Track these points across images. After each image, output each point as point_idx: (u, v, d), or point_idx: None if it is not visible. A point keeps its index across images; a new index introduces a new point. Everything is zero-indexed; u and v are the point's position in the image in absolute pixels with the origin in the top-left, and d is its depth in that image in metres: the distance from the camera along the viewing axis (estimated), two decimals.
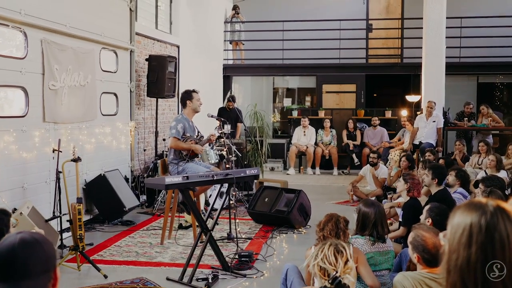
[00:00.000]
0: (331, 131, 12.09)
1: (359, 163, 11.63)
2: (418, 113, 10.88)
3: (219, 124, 6.89)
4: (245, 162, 9.16)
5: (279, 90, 15.54)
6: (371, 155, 8.74)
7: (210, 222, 5.37)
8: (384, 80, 14.39)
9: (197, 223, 5.56)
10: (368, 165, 8.81)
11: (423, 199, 5.43)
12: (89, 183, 6.87)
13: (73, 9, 6.49)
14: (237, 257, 5.29)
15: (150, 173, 8.27)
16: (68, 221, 5.13)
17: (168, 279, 4.79)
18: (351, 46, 13.58)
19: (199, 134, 6.41)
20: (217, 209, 5.82)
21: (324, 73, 13.46)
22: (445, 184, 5.55)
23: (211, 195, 7.60)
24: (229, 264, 5.08)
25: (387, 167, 8.75)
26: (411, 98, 12.06)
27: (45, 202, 5.91)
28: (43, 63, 5.86)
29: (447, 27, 10.68)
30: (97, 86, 7.07)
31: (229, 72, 13.73)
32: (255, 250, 5.70)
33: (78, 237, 4.93)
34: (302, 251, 4.72)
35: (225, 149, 6.87)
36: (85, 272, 4.97)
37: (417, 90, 11.94)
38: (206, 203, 7.60)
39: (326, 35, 13.46)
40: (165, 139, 8.90)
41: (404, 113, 11.97)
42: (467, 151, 9.70)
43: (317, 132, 12.11)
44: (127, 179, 7.74)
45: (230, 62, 14.16)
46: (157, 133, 8.80)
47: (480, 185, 5.30)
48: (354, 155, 11.83)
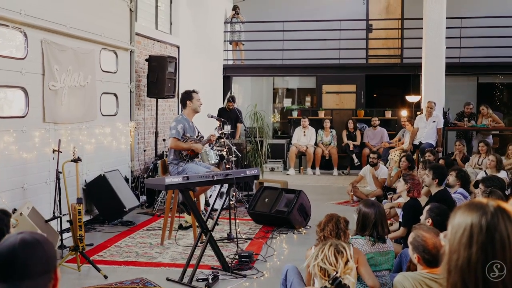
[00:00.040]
0: (331, 132, 12.09)
1: (359, 163, 11.62)
2: (418, 113, 10.88)
3: (219, 125, 6.89)
4: (245, 163, 9.16)
5: (279, 90, 15.55)
6: (371, 155, 8.74)
7: (210, 223, 5.38)
8: (384, 80, 14.39)
9: (197, 224, 5.56)
10: (368, 165, 8.80)
11: (423, 199, 5.42)
12: (89, 183, 6.87)
13: (73, 9, 6.49)
14: (237, 257, 5.29)
15: (150, 173, 8.27)
16: (68, 221, 5.13)
17: (168, 279, 4.79)
18: (351, 46, 13.59)
19: (199, 134, 6.40)
20: (217, 209, 5.81)
21: (324, 74, 13.46)
22: (445, 185, 5.55)
23: (211, 195, 7.60)
24: (229, 265, 5.08)
25: (387, 168, 8.75)
26: (411, 99, 12.06)
27: (45, 203, 5.91)
28: (43, 64, 5.86)
29: (447, 28, 10.68)
30: (97, 86, 7.07)
31: (229, 73, 13.72)
32: (255, 250, 5.69)
33: (78, 237, 4.93)
34: (302, 252, 4.71)
35: (225, 150, 6.87)
36: (85, 272, 4.97)
37: (417, 91, 11.94)
38: (206, 204, 7.59)
39: (326, 36, 13.45)
40: (165, 140, 8.90)
41: (404, 113, 11.97)
42: (467, 152, 9.70)
43: (317, 133, 12.11)
44: (127, 180, 7.74)
45: (230, 62, 14.16)
46: (157, 134, 8.80)
47: (480, 185, 5.29)
48: (354, 156, 11.83)
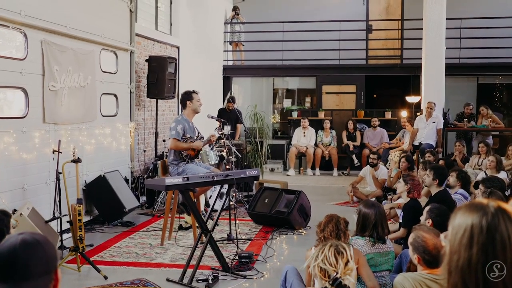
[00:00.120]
0: (331, 132, 12.09)
1: (359, 164, 11.62)
2: (418, 114, 10.89)
3: (219, 125, 6.89)
4: (245, 163, 9.16)
5: (279, 91, 15.55)
6: (371, 156, 8.74)
7: (210, 223, 5.37)
8: (384, 81, 14.40)
9: (197, 224, 5.56)
10: (368, 166, 8.80)
11: (423, 200, 5.42)
12: (89, 184, 6.87)
13: (73, 10, 6.50)
14: (237, 258, 5.29)
15: (150, 174, 8.27)
16: (68, 222, 5.13)
17: (168, 280, 4.79)
18: (351, 47, 13.59)
19: (199, 135, 6.40)
20: (217, 210, 5.81)
21: (324, 74, 13.46)
22: (446, 185, 5.55)
23: (211, 196, 7.60)
24: (229, 265, 5.08)
25: (387, 168, 8.75)
26: (411, 99, 12.07)
27: (45, 203, 5.90)
28: (43, 64, 5.86)
29: (447, 28, 10.68)
30: (97, 87, 7.07)
31: (229, 73, 13.72)
32: (255, 251, 5.69)
33: (78, 238, 4.93)
34: (302, 252, 4.71)
35: (225, 150, 6.86)
36: (85, 273, 4.97)
37: (417, 91, 11.95)
38: (206, 204, 7.59)
39: (326, 36, 13.45)
40: (165, 140, 8.90)
41: (404, 114, 11.98)
42: (467, 152, 9.70)
43: (317, 133, 12.11)
44: (127, 180, 7.74)
45: (230, 63, 14.17)
46: (157, 134, 8.80)
47: (480, 186, 5.29)
48: (354, 156, 11.82)
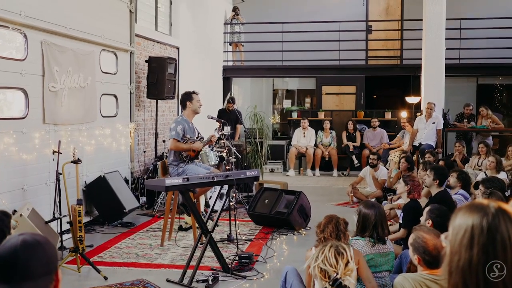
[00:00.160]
0: (330, 133, 12.09)
1: (359, 164, 11.62)
2: (418, 114, 10.89)
3: (219, 126, 6.89)
4: (245, 164, 9.15)
5: (278, 91, 15.56)
6: (370, 156, 8.74)
7: (210, 224, 5.37)
8: (383, 81, 14.40)
9: (197, 225, 5.56)
10: (368, 166, 8.80)
11: (423, 200, 5.42)
12: (89, 184, 6.87)
13: (73, 11, 6.50)
14: (237, 258, 5.29)
15: (150, 174, 8.27)
16: (68, 222, 5.14)
17: (168, 280, 4.79)
18: (350, 47, 13.60)
19: (199, 135, 6.40)
20: (217, 210, 5.81)
21: (323, 75, 13.46)
22: (446, 186, 5.55)
23: (211, 196, 7.60)
24: (229, 266, 5.08)
25: (387, 169, 8.74)
26: (411, 100, 12.08)
27: (45, 204, 5.91)
28: (43, 65, 5.87)
29: (446, 29, 10.68)
30: (97, 87, 7.07)
31: (229, 74, 13.73)
32: (255, 251, 5.69)
33: (78, 238, 4.93)
34: (302, 253, 4.71)
35: (225, 151, 6.86)
36: (85, 273, 4.96)
37: (416, 92, 11.95)
38: (206, 205, 7.59)
39: (325, 37, 13.46)
40: (165, 141, 8.90)
41: (403, 114, 11.98)
42: (467, 153, 9.71)
43: (316, 134, 12.11)
44: (127, 181, 7.74)
45: (230, 63, 14.17)
46: (157, 135, 8.80)
47: (480, 186, 5.29)
48: (354, 157, 11.82)
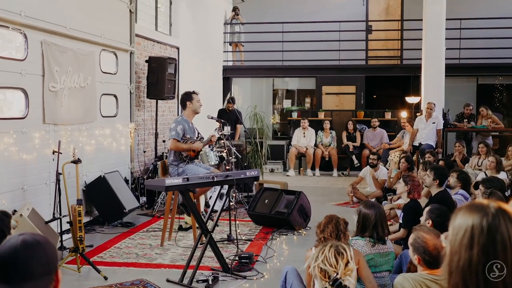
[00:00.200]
0: (330, 133, 12.09)
1: (359, 164, 11.62)
2: (418, 114, 10.89)
3: (219, 126, 6.89)
4: (245, 164, 9.16)
5: (278, 91, 15.56)
6: (370, 156, 8.74)
7: (210, 224, 5.37)
8: (383, 81, 14.40)
9: (197, 225, 5.56)
10: (368, 166, 8.80)
11: (423, 200, 5.42)
12: (89, 184, 6.87)
13: (73, 11, 6.50)
14: (237, 258, 5.29)
15: (150, 174, 8.27)
16: (68, 222, 5.13)
17: (168, 280, 4.79)
18: (350, 47, 13.60)
19: (199, 135, 6.40)
20: (217, 210, 5.81)
21: (323, 75, 13.46)
22: (446, 186, 5.55)
23: (211, 196, 7.60)
24: (229, 266, 5.08)
25: (387, 169, 8.74)
26: (411, 100, 12.08)
27: (45, 204, 5.90)
28: (43, 65, 5.86)
29: (446, 29, 10.68)
30: (97, 87, 7.07)
31: (229, 74, 13.73)
32: (255, 251, 5.69)
33: (78, 238, 4.93)
34: (302, 253, 4.71)
35: (225, 151, 6.86)
36: (85, 274, 4.96)
37: (416, 92, 11.95)
38: (206, 205, 7.59)
39: (325, 37, 13.46)
40: (165, 141, 8.90)
41: (403, 114, 11.98)
42: (467, 153, 9.71)
43: (316, 134, 12.11)
44: (127, 181, 7.74)
45: (230, 63, 14.17)
46: (157, 135, 8.80)
47: (480, 186, 5.29)
48: (354, 157, 11.82)
